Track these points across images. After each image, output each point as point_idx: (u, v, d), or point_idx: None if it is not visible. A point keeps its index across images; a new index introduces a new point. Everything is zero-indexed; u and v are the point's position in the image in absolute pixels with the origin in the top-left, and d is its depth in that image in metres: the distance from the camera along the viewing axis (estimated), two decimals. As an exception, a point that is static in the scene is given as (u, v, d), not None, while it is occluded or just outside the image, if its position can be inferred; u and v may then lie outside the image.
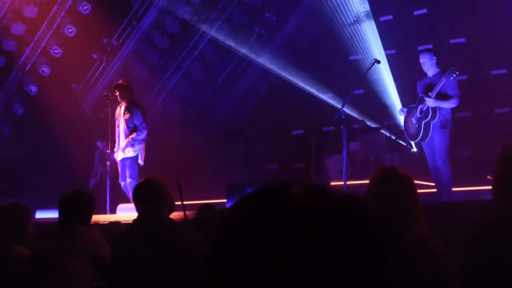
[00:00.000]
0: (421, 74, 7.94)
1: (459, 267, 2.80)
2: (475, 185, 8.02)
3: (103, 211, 8.59)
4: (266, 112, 13.34)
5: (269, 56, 12.98)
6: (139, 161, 8.89)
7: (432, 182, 7.99)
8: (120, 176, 8.94)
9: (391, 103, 11.28)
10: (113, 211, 8.97)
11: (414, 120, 7.80)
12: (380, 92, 11.75)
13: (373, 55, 11.03)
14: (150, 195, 4.09)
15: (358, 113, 11.58)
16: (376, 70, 11.33)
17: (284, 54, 12.88)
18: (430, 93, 7.54)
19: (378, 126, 11.29)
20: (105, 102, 9.34)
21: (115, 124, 9.02)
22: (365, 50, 11.91)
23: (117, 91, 8.94)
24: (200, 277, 0.88)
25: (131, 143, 8.80)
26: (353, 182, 9.26)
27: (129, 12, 12.73)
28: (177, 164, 11.29)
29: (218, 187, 9.57)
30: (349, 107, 11.01)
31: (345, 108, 8.39)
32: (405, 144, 10.32)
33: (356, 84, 9.27)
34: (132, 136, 8.80)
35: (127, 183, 8.78)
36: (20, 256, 4.28)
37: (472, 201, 5.96)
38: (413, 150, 9.99)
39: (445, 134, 7.58)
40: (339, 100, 11.55)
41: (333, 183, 9.81)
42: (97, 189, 10.25)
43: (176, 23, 12.63)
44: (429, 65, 7.73)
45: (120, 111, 8.97)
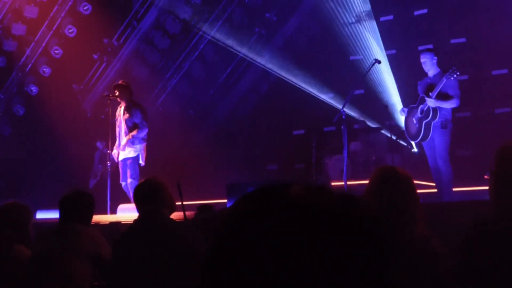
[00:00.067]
0: (422, 74, 7.94)
1: (455, 267, 2.79)
2: (476, 185, 8.02)
3: (104, 211, 8.59)
4: (267, 112, 13.34)
5: (270, 56, 12.98)
6: (140, 161, 8.89)
7: (433, 182, 7.98)
8: (121, 176, 8.94)
9: (392, 103, 11.28)
10: (114, 211, 8.97)
11: (415, 120, 7.80)
12: (381, 92, 11.75)
13: (374, 55, 11.03)
14: (151, 195, 4.09)
15: (359, 113, 11.57)
16: (377, 70, 11.33)
17: (285, 54, 12.88)
18: (431, 93, 7.53)
19: (379, 126, 11.28)
20: (106, 103, 9.34)
21: (115, 125, 9.03)
22: (366, 50, 11.91)
23: (117, 91, 8.95)
24: (200, 277, 0.88)
25: (131, 140, 8.79)
26: (354, 182, 9.26)
27: (130, 13, 12.72)
28: (178, 164, 11.30)
29: (219, 187, 9.57)
30: (350, 107, 11.01)
31: (346, 108, 8.39)
32: (406, 144, 10.32)
33: (357, 84, 9.27)
34: (133, 133, 8.79)
35: (128, 183, 8.78)
36: (21, 256, 4.28)
37: (473, 201, 5.95)
38: (414, 150, 9.99)
39: (446, 134, 7.58)
40: (340, 100, 11.56)
41: (334, 183, 9.81)
42: (97, 190, 10.24)
43: (177, 24, 12.63)
44: (430, 65, 7.73)
45: (120, 112, 8.98)
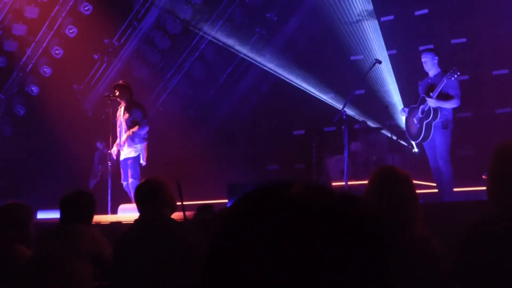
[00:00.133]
0: (422, 74, 7.94)
1: (455, 267, 2.79)
2: (476, 185, 8.01)
3: (105, 211, 8.59)
4: (267, 112, 13.34)
5: (270, 57, 12.97)
6: (141, 161, 8.89)
7: (433, 182, 7.98)
8: (122, 176, 8.94)
9: (393, 103, 11.27)
10: (115, 212, 8.98)
11: (416, 120, 7.80)
12: (381, 92, 11.75)
13: (375, 55, 11.03)
14: (152, 195, 4.10)
15: (359, 114, 11.57)
16: (377, 70, 11.33)
17: (285, 54, 12.88)
18: (432, 94, 7.53)
19: (379, 126, 11.28)
20: (106, 103, 9.34)
21: (116, 125, 9.03)
22: (367, 50, 11.90)
23: (117, 91, 8.95)
24: (200, 277, 0.88)
25: (131, 137, 8.78)
26: (354, 183, 9.26)
27: (130, 13, 12.73)
28: (178, 164, 11.29)
29: (219, 187, 9.57)
30: (350, 108, 11.01)
31: (346, 109, 8.39)
32: (406, 145, 10.32)
33: (357, 84, 9.27)
34: (133, 130, 8.79)
35: (129, 183, 8.79)
36: (22, 256, 4.28)
37: (473, 201, 5.95)
38: (414, 151, 9.98)
39: (447, 135, 7.57)
40: (340, 100, 11.55)
41: (334, 184, 9.80)
42: (97, 190, 10.25)
43: (177, 24, 12.63)
44: (431, 65, 7.72)
45: (120, 112, 8.98)
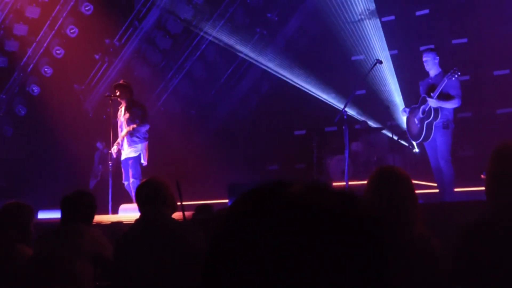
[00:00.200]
0: (423, 74, 7.93)
1: (455, 267, 2.78)
2: (477, 186, 8.00)
3: (105, 211, 8.60)
4: (268, 113, 13.35)
5: (271, 57, 12.98)
6: (142, 161, 8.89)
7: (434, 183, 7.98)
8: (124, 176, 8.95)
9: (394, 103, 11.27)
10: (115, 211, 8.98)
11: (417, 121, 7.80)
12: (383, 92, 11.74)
13: (376, 55, 11.03)
14: (153, 195, 4.10)
15: (360, 114, 11.57)
16: (378, 70, 11.32)
17: (286, 54, 12.88)
18: (432, 94, 7.53)
19: (380, 127, 11.28)
20: (107, 103, 9.34)
21: (117, 125, 9.03)
22: (368, 50, 11.90)
23: (118, 91, 8.94)
24: (201, 277, 0.88)
25: (131, 133, 8.78)
26: (355, 183, 9.25)
27: (131, 13, 12.73)
28: (179, 164, 11.30)
29: (220, 187, 9.57)
30: (351, 108, 11.01)
31: (347, 109, 8.39)
32: (407, 145, 10.32)
33: (358, 85, 9.26)
34: (134, 126, 8.78)
35: (130, 183, 8.79)
36: (23, 256, 4.28)
37: (474, 201, 5.94)
38: (415, 151, 9.98)
39: (447, 135, 7.57)
40: (341, 100, 11.55)
41: (335, 184, 9.80)
42: (99, 190, 10.24)
43: (178, 24, 12.63)
44: (432, 64, 7.72)
45: (121, 112, 8.98)
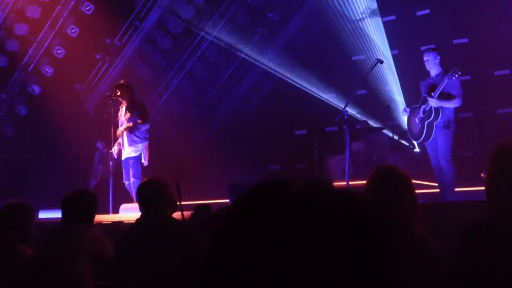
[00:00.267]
0: (424, 74, 7.93)
1: (454, 267, 2.77)
2: (478, 185, 8.00)
3: (106, 211, 8.60)
4: (269, 112, 13.34)
5: (272, 56, 12.97)
6: (143, 161, 8.89)
7: (435, 182, 7.97)
8: (124, 176, 8.95)
9: (394, 103, 11.26)
10: (116, 211, 8.99)
11: (417, 120, 7.80)
12: (383, 92, 11.74)
13: (377, 55, 11.02)
14: (153, 195, 4.10)
15: (361, 113, 11.57)
16: (379, 70, 11.32)
17: (287, 54, 12.88)
18: (433, 93, 7.53)
19: (381, 126, 11.27)
20: (108, 102, 9.34)
21: (118, 125, 9.03)
22: (369, 50, 11.89)
23: (118, 91, 8.94)
24: (201, 277, 0.89)
25: (130, 129, 8.77)
26: (356, 182, 9.25)
27: (132, 13, 12.73)
28: (180, 164, 11.30)
29: (221, 187, 9.57)
30: (352, 107, 11.01)
31: (348, 108, 8.38)
32: (408, 144, 10.32)
33: (359, 84, 9.26)
34: (137, 122, 8.78)
35: (131, 183, 8.80)
36: (24, 256, 4.28)
37: (475, 201, 5.94)
38: (416, 150, 9.97)
39: (448, 135, 7.56)
40: (342, 100, 11.54)
41: (336, 184, 9.79)
42: (99, 189, 10.25)
43: (179, 24, 12.63)
44: (432, 64, 7.71)
45: (122, 111, 8.98)
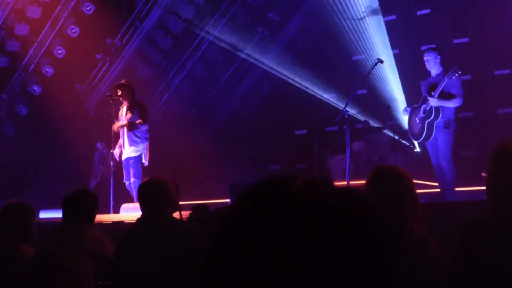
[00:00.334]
0: (425, 74, 7.93)
1: (454, 267, 2.75)
2: (478, 185, 8.00)
3: (107, 211, 8.60)
4: (269, 112, 13.33)
5: (272, 56, 12.97)
6: (144, 161, 8.90)
7: (435, 182, 7.97)
8: (125, 176, 8.96)
9: (395, 103, 11.26)
10: (117, 211, 8.99)
11: (418, 120, 7.80)
12: (384, 92, 11.73)
13: (378, 54, 11.01)
14: (154, 195, 4.10)
15: (362, 113, 11.56)
16: (380, 70, 11.31)
17: (287, 54, 12.87)
18: (433, 93, 7.53)
19: (381, 126, 11.27)
20: (109, 102, 9.34)
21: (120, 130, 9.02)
22: (370, 50, 11.89)
23: (119, 91, 8.94)
24: (201, 277, 0.89)
25: (129, 127, 8.77)
26: (356, 182, 9.25)
27: (133, 12, 12.73)
28: (180, 164, 11.30)
29: (221, 187, 9.57)
30: (352, 107, 11.00)
31: (348, 108, 8.38)
32: (408, 144, 10.31)
33: (360, 84, 9.26)
34: (135, 122, 8.78)
35: (131, 183, 8.80)
36: (24, 255, 4.29)
37: (475, 201, 5.94)
38: (416, 150, 9.97)
39: (449, 134, 7.56)
40: (343, 100, 11.54)
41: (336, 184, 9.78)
42: (100, 189, 10.24)
43: (179, 23, 12.63)
44: (433, 64, 7.71)
45: (122, 112, 8.98)
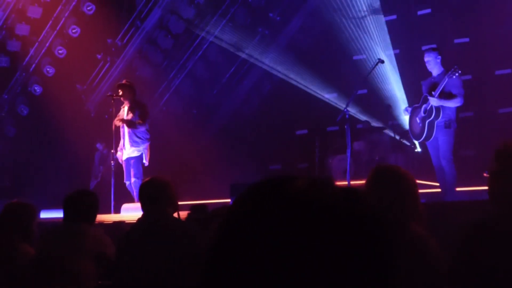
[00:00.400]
0: (425, 74, 7.93)
1: (454, 267, 2.75)
2: (479, 185, 8.00)
3: (108, 211, 8.61)
4: (270, 112, 13.33)
5: (273, 56, 12.96)
6: (144, 161, 8.90)
7: (436, 182, 7.97)
8: (125, 176, 8.96)
9: (396, 103, 11.25)
10: (118, 211, 8.99)
11: (418, 120, 7.80)
12: (384, 92, 11.73)
13: (379, 54, 11.01)
14: (155, 195, 4.11)
15: (362, 113, 11.56)
16: (380, 70, 11.31)
17: (288, 54, 12.87)
18: (434, 92, 7.53)
19: (382, 126, 11.26)
20: (109, 102, 9.35)
21: (120, 125, 9.03)
22: (370, 50, 11.88)
23: (120, 91, 8.94)
24: (201, 277, 0.89)
25: (130, 126, 8.78)
26: (357, 182, 9.25)
27: (133, 12, 12.73)
28: (181, 164, 11.30)
29: (222, 187, 9.57)
30: (353, 107, 10.99)
31: (349, 108, 8.38)
32: (409, 144, 10.31)
33: (360, 84, 9.26)
34: (134, 122, 8.79)
35: (132, 183, 8.81)
36: (26, 255, 4.29)
37: (476, 201, 5.95)
38: (417, 150, 9.97)
39: (449, 134, 7.56)
40: (343, 100, 11.54)
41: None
42: (100, 189, 10.25)
43: (180, 23, 12.63)
44: (433, 64, 7.71)
45: (123, 112, 8.98)
